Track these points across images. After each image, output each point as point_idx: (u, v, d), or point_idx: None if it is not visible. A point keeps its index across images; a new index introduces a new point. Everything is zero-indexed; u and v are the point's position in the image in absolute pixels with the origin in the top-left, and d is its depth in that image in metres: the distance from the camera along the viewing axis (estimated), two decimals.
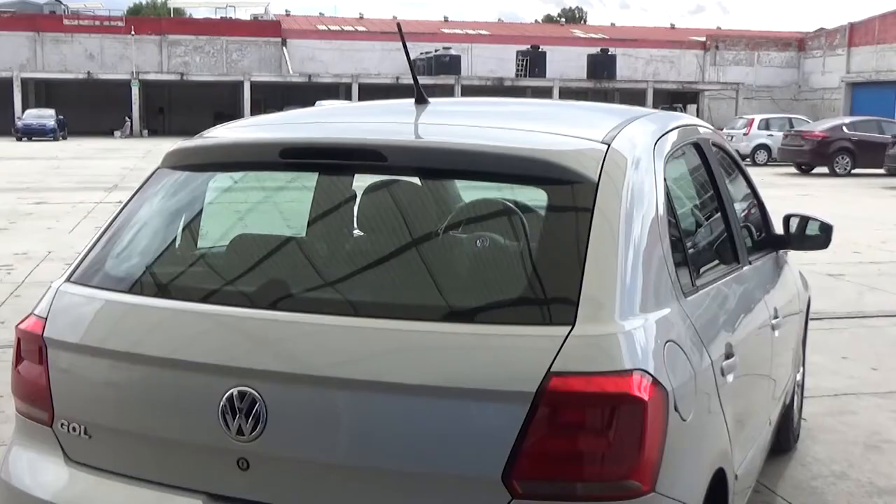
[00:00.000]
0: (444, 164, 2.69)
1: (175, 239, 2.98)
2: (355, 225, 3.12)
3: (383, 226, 2.95)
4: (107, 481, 2.55)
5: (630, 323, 2.33)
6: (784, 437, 4.87)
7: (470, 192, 3.23)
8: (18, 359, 2.76)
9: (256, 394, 2.33)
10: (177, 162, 2.97)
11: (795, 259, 4.82)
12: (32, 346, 2.70)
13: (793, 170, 28.83)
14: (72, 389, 2.63)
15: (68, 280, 2.81)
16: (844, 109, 51.32)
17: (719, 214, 3.63)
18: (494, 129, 2.82)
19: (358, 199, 3.08)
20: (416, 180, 3.01)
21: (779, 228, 4.39)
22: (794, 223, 4.32)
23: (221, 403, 2.35)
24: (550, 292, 2.39)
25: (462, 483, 2.22)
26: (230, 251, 2.90)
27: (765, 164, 31.71)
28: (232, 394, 2.35)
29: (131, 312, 2.64)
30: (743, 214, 4.14)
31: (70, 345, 2.63)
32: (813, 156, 27.72)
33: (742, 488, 3.30)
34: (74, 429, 2.60)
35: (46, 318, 2.71)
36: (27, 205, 16.48)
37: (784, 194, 19.32)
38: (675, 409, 2.37)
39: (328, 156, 2.72)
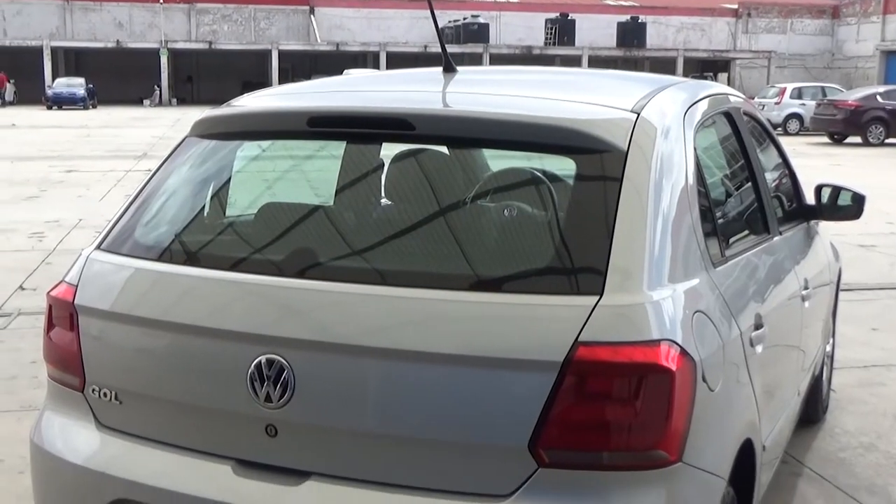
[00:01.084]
0: (471, 133, 2.67)
1: (203, 207, 2.99)
2: (383, 194, 3.12)
3: (411, 195, 2.95)
4: (137, 446, 2.58)
5: (658, 293, 2.32)
6: (813, 409, 4.85)
7: (498, 161, 3.21)
8: (50, 325, 2.79)
9: (284, 361, 2.34)
10: (205, 131, 2.98)
11: (826, 229, 4.77)
12: (63, 313, 2.73)
13: (825, 139, 28.50)
14: (102, 356, 2.66)
15: (98, 248, 2.83)
16: (878, 78, 50.59)
17: (750, 184, 3.60)
18: (523, 98, 2.81)
19: (385, 168, 3.08)
20: (443, 149, 3.00)
21: (810, 198, 4.34)
22: (825, 193, 4.27)
23: (250, 371, 2.37)
24: (578, 262, 2.38)
25: (488, 452, 2.23)
26: (258, 220, 2.91)
27: (797, 134, 31.36)
28: (260, 361, 2.36)
29: (160, 280, 2.66)
30: (774, 184, 4.10)
31: (100, 312, 2.66)
32: (846, 125, 27.38)
33: (769, 459, 3.30)
34: (105, 394, 2.63)
35: (77, 286, 2.73)
36: (58, 173, 16.63)
37: (816, 164, 19.12)
38: (703, 380, 2.36)
39: (356, 124, 2.72)
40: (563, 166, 2.73)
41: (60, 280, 2.84)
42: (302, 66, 54.89)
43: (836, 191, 4.26)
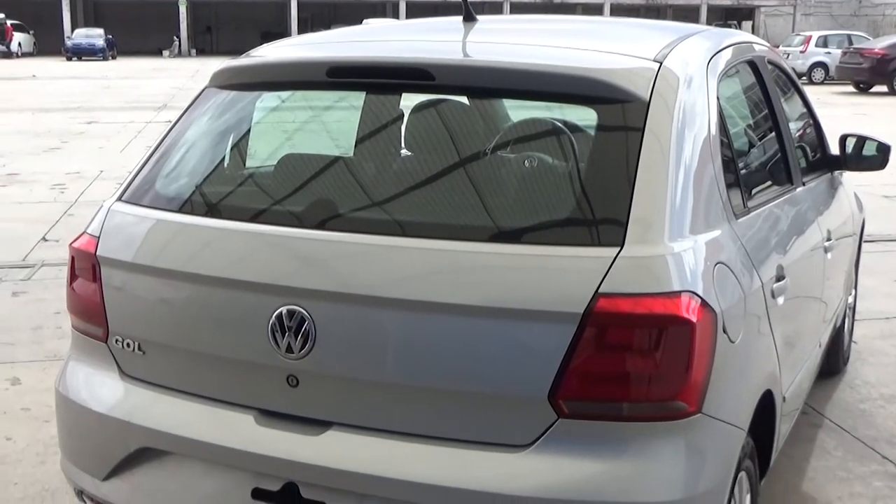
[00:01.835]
0: (492, 84, 2.65)
1: (223, 159, 2.99)
2: (403, 145, 3.11)
3: (431, 145, 2.94)
4: (161, 396, 2.61)
5: (679, 244, 2.31)
6: (833, 360, 4.84)
7: (518, 111, 3.19)
8: (73, 276, 2.81)
9: (305, 312, 2.36)
10: (224, 81, 2.97)
11: (850, 180, 4.73)
12: (86, 265, 2.75)
13: (851, 88, 28.12)
14: (125, 306, 2.68)
15: (119, 199, 2.84)
16: None
17: (773, 134, 3.56)
18: (544, 48, 2.78)
19: (405, 119, 3.06)
20: (463, 99, 2.98)
21: (834, 149, 4.29)
22: (850, 143, 4.22)
23: (271, 322, 2.38)
24: (599, 213, 2.37)
25: (509, 403, 2.24)
26: (278, 171, 2.91)
27: (822, 83, 30.97)
28: (281, 312, 2.37)
29: (181, 231, 2.66)
30: (798, 134, 4.06)
31: (122, 263, 2.67)
32: (872, 74, 26.98)
33: (789, 410, 3.30)
34: (128, 345, 2.65)
35: (99, 237, 2.75)
36: (78, 124, 16.66)
37: (841, 113, 18.90)
38: (724, 331, 2.36)
39: (375, 74, 2.70)
40: (585, 117, 2.71)
41: (82, 232, 2.85)
42: (321, 15, 54.48)
43: (861, 141, 4.21)
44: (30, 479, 3.85)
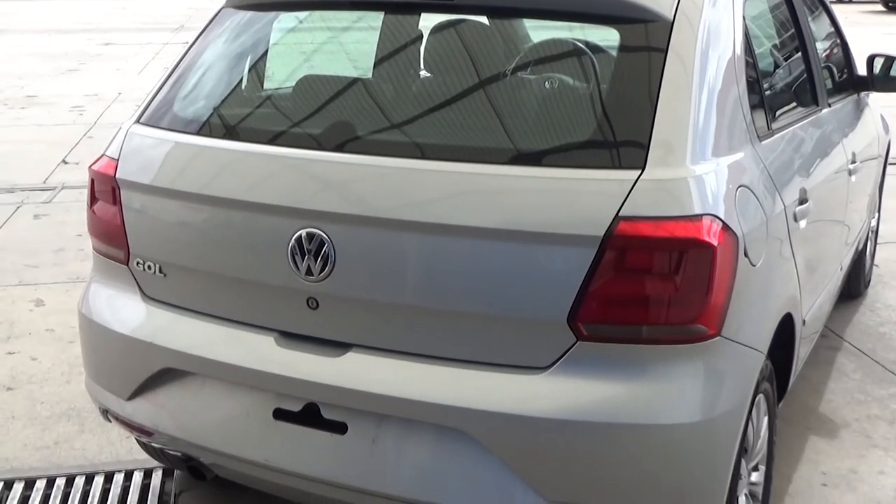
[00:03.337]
0: (512, 3, 2.60)
1: (241, 80, 2.96)
2: (422, 66, 3.06)
3: (450, 67, 2.89)
4: (182, 317, 2.63)
5: (701, 167, 2.28)
6: (854, 283, 4.82)
7: (539, 31, 3.13)
8: (93, 199, 2.82)
9: (324, 235, 2.35)
10: (241, 1, 2.93)
11: (877, 101, 4.65)
12: (106, 187, 2.75)
13: (879, 7, 27.48)
14: (145, 229, 2.68)
15: (138, 122, 2.83)
16: None
17: (799, 55, 3.49)
18: None
19: (424, 40, 3.02)
20: (483, 20, 2.92)
21: (861, 69, 4.22)
22: (878, 64, 4.14)
23: (290, 244, 2.38)
24: (620, 135, 2.34)
25: (528, 325, 2.25)
26: (296, 93, 2.89)
27: (850, 2, 30.29)
28: (300, 235, 2.37)
29: (200, 154, 2.66)
30: (824, 54, 3.98)
31: (142, 186, 2.67)
32: None
33: (809, 333, 3.30)
34: (149, 267, 2.67)
35: (118, 160, 2.74)
36: (95, 46, 16.54)
37: (869, 33, 18.50)
38: (745, 255, 2.35)
39: None
40: (607, 37, 2.66)
41: (101, 154, 2.85)
42: None
43: (889, 61, 4.13)
44: (56, 399, 3.93)
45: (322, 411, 2.40)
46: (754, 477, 2.80)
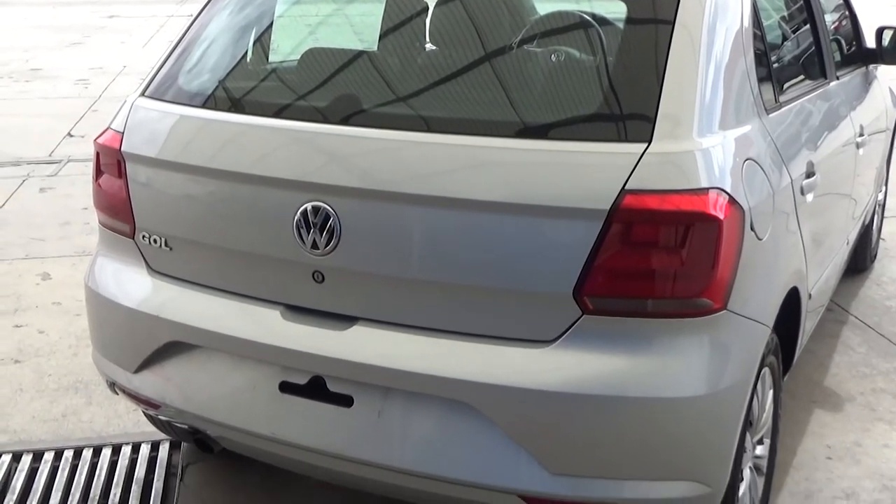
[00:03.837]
0: None
1: (246, 53, 2.95)
2: (427, 38, 3.05)
3: (456, 39, 2.87)
4: (189, 291, 2.64)
5: (708, 140, 2.27)
6: (861, 257, 4.82)
7: (545, 3, 3.11)
8: (98, 172, 2.82)
9: (330, 208, 2.35)
10: None
11: (886, 74, 4.62)
12: (111, 160, 2.75)
13: None
14: (151, 202, 2.68)
15: (143, 95, 2.82)
16: None
17: (807, 27, 3.47)
18: None
19: (430, 12, 3.00)
20: None
21: (871, 41, 4.19)
22: (887, 36, 4.12)
23: (296, 218, 2.38)
24: (627, 108, 2.33)
25: (534, 299, 2.24)
26: (301, 66, 2.87)
27: None
28: (306, 208, 2.37)
29: (205, 127, 2.65)
30: (833, 26, 3.95)
31: (147, 159, 2.67)
32: None
33: (815, 307, 3.30)
34: (155, 241, 2.67)
35: (123, 133, 2.74)
36: (99, 18, 16.49)
37: (879, 4, 18.35)
38: (752, 228, 2.34)
39: None
40: (613, 9, 2.64)
41: (106, 127, 2.84)
42: None
43: None
44: (63, 371, 3.95)
45: (328, 384, 2.41)
46: (759, 450, 2.81)
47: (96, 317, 2.87)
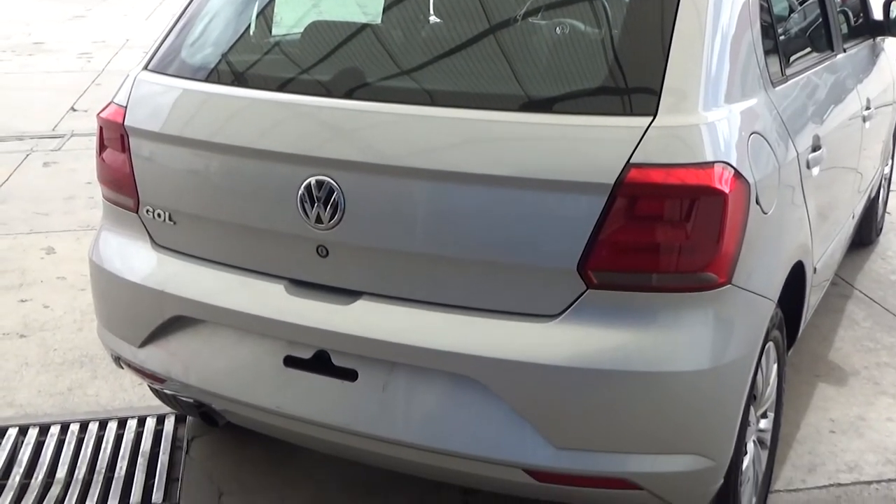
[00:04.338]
0: None
1: (249, 26, 2.94)
2: (431, 11, 3.02)
3: (460, 12, 2.85)
4: (193, 266, 2.64)
5: (714, 114, 2.26)
6: (866, 231, 4.81)
7: None
8: (102, 147, 2.81)
9: (334, 182, 2.35)
10: None
11: (894, 47, 4.59)
12: (114, 135, 2.74)
13: None
14: (154, 177, 2.68)
15: (145, 68, 2.81)
16: None
17: None
18: None
19: None
20: None
21: (878, 14, 4.15)
22: (895, 8, 4.08)
23: (300, 192, 2.38)
24: (632, 82, 2.32)
25: (538, 273, 2.24)
26: (305, 39, 2.86)
27: None
28: (310, 183, 2.37)
29: (209, 101, 2.64)
30: None
31: (150, 133, 2.66)
32: None
33: (820, 281, 3.29)
34: (159, 215, 2.67)
35: (126, 107, 2.73)
36: None
37: None
38: (757, 202, 2.33)
39: None
40: None
41: (110, 101, 2.83)
42: None
43: None
44: (69, 346, 3.96)
45: (332, 358, 2.41)
46: (763, 424, 2.82)
47: (101, 291, 2.87)
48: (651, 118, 2.19)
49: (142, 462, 3.19)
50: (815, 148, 2.90)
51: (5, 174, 6.29)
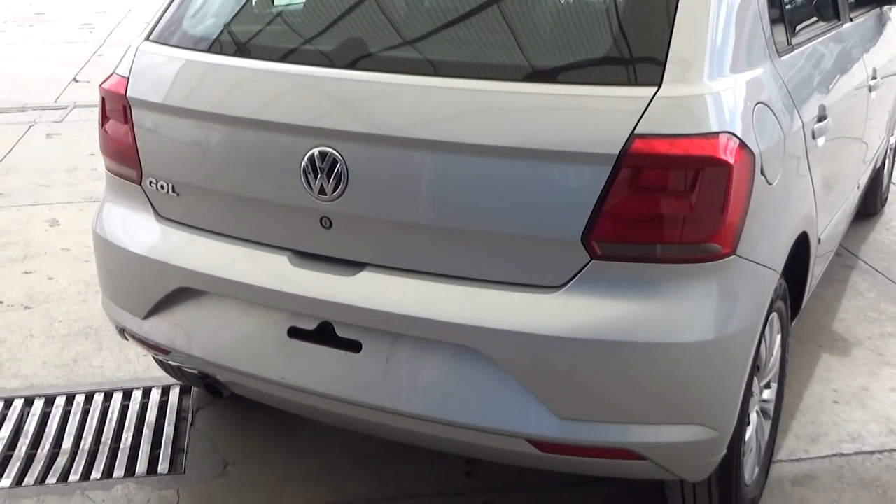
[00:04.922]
0: None
1: None
2: None
3: None
4: (196, 237, 2.63)
5: (719, 84, 2.24)
6: (871, 202, 4.79)
7: None
8: (104, 118, 2.80)
9: (337, 154, 2.34)
10: None
11: None
12: (116, 106, 2.73)
13: None
14: (157, 148, 2.67)
15: (147, 39, 2.80)
16: None
17: None
18: None
19: None
20: None
21: None
22: None
23: (303, 163, 2.37)
24: (637, 51, 2.30)
25: (542, 244, 2.24)
26: (307, 9, 2.84)
27: None
28: (313, 154, 2.36)
29: (211, 72, 2.63)
30: None
31: (153, 104, 2.65)
32: None
33: (824, 252, 3.29)
34: (163, 187, 2.66)
35: (128, 78, 2.72)
36: None
37: None
38: (762, 173, 2.32)
39: None
40: None
41: (111, 72, 2.82)
42: None
43: None
44: (73, 317, 3.97)
45: (336, 330, 2.41)
46: (766, 394, 2.82)
47: (105, 263, 2.87)
48: (656, 88, 2.18)
49: (147, 433, 3.21)
50: (821, 118, 2.89)
51: (8, 146, 6.28)
